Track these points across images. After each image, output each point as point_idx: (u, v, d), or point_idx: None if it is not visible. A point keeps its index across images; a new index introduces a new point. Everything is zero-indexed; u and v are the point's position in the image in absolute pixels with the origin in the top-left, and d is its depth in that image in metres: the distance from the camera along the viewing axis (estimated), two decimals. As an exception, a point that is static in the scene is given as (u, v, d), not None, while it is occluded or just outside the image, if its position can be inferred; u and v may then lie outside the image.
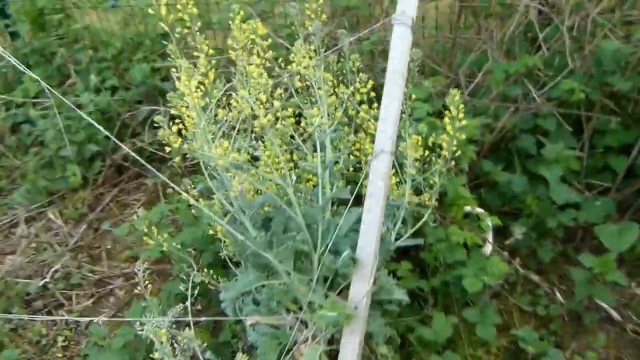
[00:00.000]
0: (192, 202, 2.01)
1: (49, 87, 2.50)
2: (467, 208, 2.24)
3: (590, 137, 2.54)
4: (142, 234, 2.69)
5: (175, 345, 1.57)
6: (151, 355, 1.60)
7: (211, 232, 1.89)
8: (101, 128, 1.79)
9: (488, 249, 2.24)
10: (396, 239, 1.59)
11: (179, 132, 1.68)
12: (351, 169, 1.67)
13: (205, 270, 1.93)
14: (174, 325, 1.66)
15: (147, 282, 1.79)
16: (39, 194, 3.31)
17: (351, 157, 1.62)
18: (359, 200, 1.53)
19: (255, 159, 1.55)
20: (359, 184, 1.68)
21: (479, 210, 2.31)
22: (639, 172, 2.50)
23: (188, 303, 1.59)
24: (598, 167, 2.55)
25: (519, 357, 2.19)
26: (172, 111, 1.72)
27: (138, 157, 1.80)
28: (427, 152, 1.73)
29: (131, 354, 2.09)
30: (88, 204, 3.28)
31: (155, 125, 3.45)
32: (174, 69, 1.61)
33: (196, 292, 1.73)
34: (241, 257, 1.61)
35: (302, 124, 1.61)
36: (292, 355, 1.41)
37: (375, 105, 1.75)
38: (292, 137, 1.58)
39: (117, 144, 3.55)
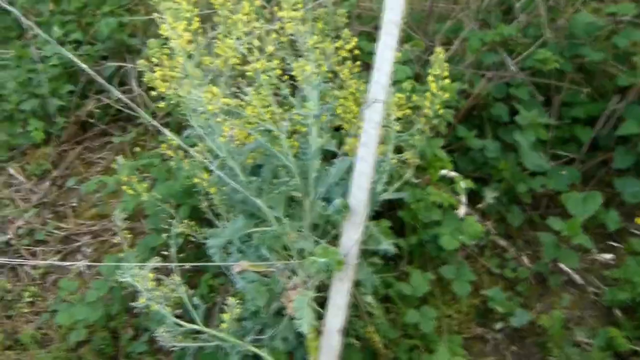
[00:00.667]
0: (169, 153, 1.96)
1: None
2: (443, 171, 2.28)
3: (558, 108, 2.61)
4: (111, 190, 2.64)
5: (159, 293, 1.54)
6: (131, 304, 1.57)
7: (191, 182, 1.85)
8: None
9: (462, 210, 2.29)
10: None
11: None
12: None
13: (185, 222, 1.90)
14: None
15: (123, 234, 1.75)
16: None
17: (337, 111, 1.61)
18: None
19: (241, 107, 1.52)
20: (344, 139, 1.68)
21: (454, 173, 2.35)
22: (603, 144, 2.59)
23: (172, 250, 1.57)
24: (565, 137, 2.62)
25: (487, 316, 2.26)
26: (153, 59, 1.66)
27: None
28: (408, 112, 1.75)
29: (105, 307, 2.05)
30: (51, 161, 3.17)
31: (122, 82, 3.35)
32: (156, 16, 1.56)
33: (176, 243, 1.71)
34: (227, 207, 1.59)
35: (285, 78, 1.59)
36: (280, 301, 1.41)
37: (359, 63, 1.75)
38: (278, 88, 1.56)
39: (81, 101, 3.46)
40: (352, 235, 1.37)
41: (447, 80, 1.68)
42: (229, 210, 1.64)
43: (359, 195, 1.37)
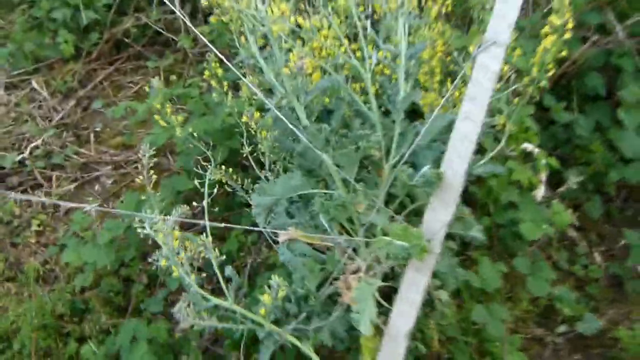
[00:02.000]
0: (213, 84, 1.64)
1: None
2: (525, 144, 1.91)
3: (664, 88, 2.19)
4: (141, 117, 2.31)
5: (182, 253, 1.23)
6: (150, 258, 1.27)
7: (234, 121, 1.53)
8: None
9: (540, 193, 1.93)
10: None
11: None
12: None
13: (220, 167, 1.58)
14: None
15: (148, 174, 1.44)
16: (24, 59, 2.86)
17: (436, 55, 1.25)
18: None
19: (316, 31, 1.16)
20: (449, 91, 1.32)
21: (536, 148, 1.98)
22: None
23: (205, 202, 1.25)
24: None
25: (549, 316, 1.93)
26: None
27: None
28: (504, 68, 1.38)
29: (118, 253, 1.76)
30: (79, 79, 2.85)
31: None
32: None
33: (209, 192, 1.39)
34: (277, 157, 1.27)
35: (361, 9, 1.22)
36: (336, 286, 1.09)
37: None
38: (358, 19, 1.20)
39: (118, 17, 3.12)
40: (440, 215, 1.03)
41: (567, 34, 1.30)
42: (279, 161, 1.31)
43: (457, 164, 1.02)
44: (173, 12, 2.92)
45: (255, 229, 1.15)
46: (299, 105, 1.08)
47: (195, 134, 1.66)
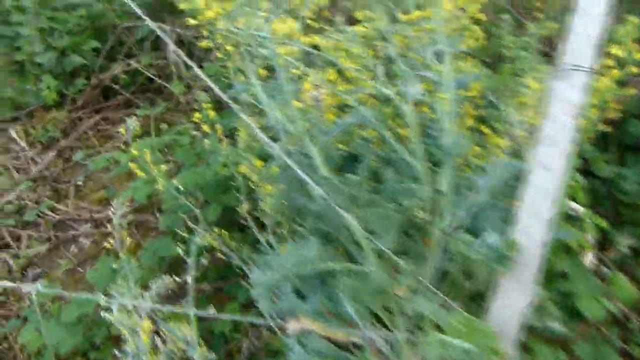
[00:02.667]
0: (204, 129, 1.38)
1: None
2: (570, 202, 1.63)
3: None
4: (125, 168, 2.03)
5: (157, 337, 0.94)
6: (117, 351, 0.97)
7: (229, 173, 1.25)
8: None
9: (589, 258, 1.63)
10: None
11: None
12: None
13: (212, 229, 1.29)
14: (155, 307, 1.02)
15: (124, 233, 1.14)
16: (3, 105, 2.61)
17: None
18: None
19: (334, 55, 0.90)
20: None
21: (578, 206, 1.70)
22: None
23: (189, 279, 0.95)
24: None
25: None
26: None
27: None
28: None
29: (87, 333, 1.43)
30: (62, 128, 2.59)
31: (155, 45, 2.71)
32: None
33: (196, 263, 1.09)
34: (285, 218, 0.98)
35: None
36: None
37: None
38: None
39: (107, 62, 2.90)
40: (514, 300, 0.74)
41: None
42: (287, 223, 1.02)
43: (536, 230, 0.74)
44: (165, 58, 2.70)
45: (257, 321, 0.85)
46: (316, 149, 0.80)
47: (183, 188, 1.38)
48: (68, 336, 1.37)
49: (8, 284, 1.45)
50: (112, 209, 1.10)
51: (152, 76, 2.66)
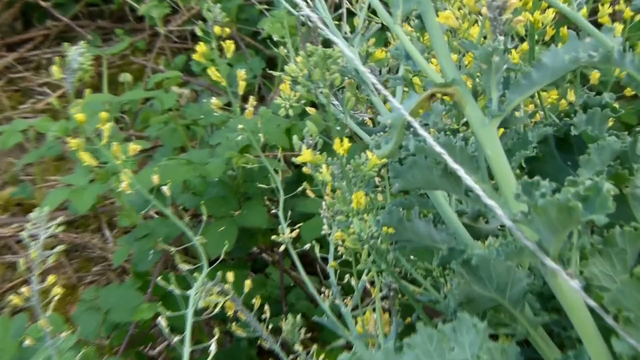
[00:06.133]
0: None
1: None
2: None
3: None
4: (55, 149, 1.25)
5: None
6: None
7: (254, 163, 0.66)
8: None
9: None
10: None
11: None
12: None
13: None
14: None
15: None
16: None
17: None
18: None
19: None
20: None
21: None
22: None
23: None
24: None
25: None
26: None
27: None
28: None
29: None
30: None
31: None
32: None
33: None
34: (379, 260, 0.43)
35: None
36: None
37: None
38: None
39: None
40: None
41: None
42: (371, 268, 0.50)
43: None
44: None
45: None
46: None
47: (164, 190, 0.75)
48: None
49: None
50: (26, 223, 0.69)
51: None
